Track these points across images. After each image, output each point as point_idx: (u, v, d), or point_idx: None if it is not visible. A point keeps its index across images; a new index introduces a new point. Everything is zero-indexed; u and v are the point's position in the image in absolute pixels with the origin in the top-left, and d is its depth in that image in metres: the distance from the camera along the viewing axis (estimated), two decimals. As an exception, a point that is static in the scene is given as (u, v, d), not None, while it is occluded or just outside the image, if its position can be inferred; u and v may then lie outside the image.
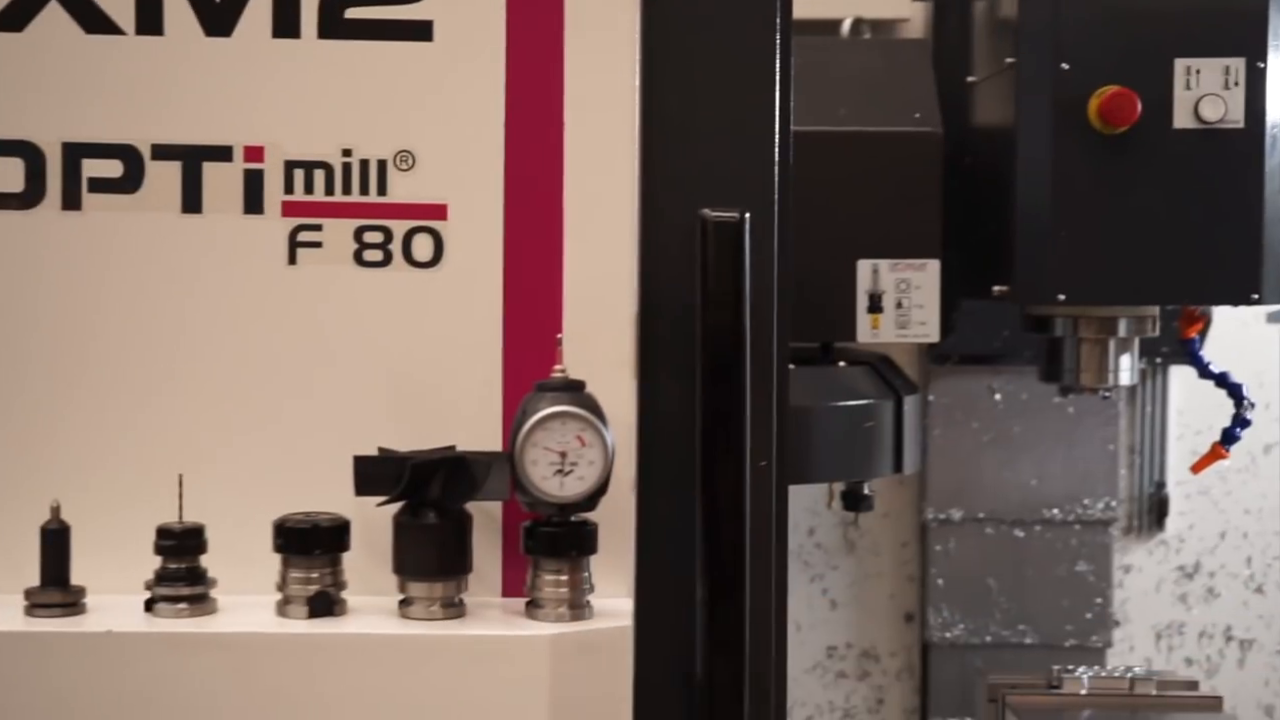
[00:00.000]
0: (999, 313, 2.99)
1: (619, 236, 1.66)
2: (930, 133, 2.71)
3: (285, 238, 1.66)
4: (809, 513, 3.51)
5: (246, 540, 1.61)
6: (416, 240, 1.66)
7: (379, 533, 1.60)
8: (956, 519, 3.46)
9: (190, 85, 1.65)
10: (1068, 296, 2.54)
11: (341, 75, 1.65)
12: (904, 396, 2.78)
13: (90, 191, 1.65)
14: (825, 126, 2.66)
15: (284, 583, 1.59)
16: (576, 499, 1.57)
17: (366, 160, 1.66)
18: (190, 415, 1.65)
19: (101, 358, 1.65)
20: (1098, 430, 3.46)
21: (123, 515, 1.63)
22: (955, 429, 3.48)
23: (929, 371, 3.46)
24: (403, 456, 1.58)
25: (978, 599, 3.46)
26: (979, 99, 2.82)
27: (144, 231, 1.65)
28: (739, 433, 1.64)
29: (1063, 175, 2.50)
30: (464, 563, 1.60)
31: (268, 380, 1.66)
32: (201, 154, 1.65)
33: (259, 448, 1.65)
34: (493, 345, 1.66)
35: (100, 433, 1.65)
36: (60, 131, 1.65)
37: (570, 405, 1.57)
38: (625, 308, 1.67)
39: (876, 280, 2.72)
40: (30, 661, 1.54)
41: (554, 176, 1.66)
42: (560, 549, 1.59)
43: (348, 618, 1.59)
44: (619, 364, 1.66)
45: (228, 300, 1.65)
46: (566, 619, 1.59)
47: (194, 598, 1.58)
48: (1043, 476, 3.46)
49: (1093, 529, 3.46)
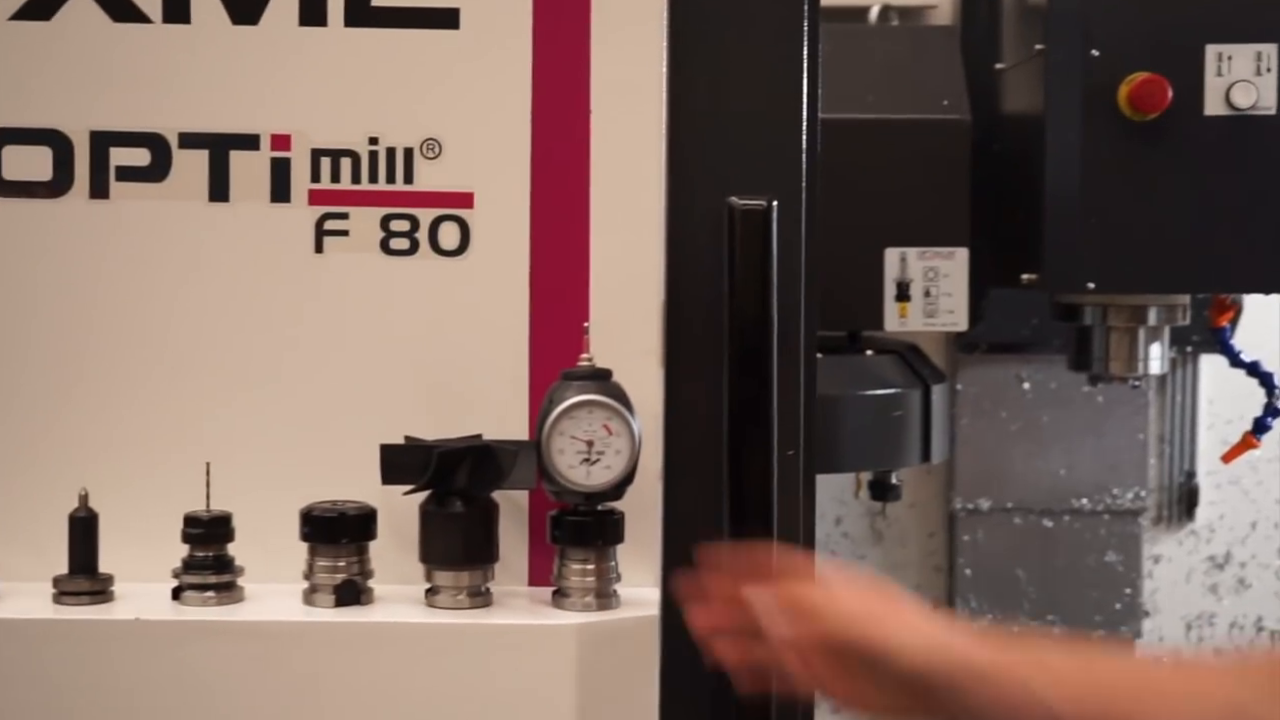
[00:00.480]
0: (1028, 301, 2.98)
1: (646, 224, 1.66)
2: (958, 120, 2.70)
3: (312, 226, 1.66)
4: (836, 502, 3.51)
5: (273, 528, 1.62)
6: (443, 229, 1.66)
7: (406, 521, 1.61)
8: (984, 509, 3.46)
9: (217, 73, 1.65)
10: (1097, 284, 2.53)
11: (368, 63, 1.65)
12: (932, 385, 2.77)
13: (118, 180, 1.66)
14: (853, 114, 2.65)
15: (311, 571, 1.60)
16: (603, 488, 1.57)
17: (393, 148, 1.66)
18: (217, 403, 1.66)
19: (128, 346, 1.66)
20: (1127, 419, 3.45)
21: (150, 503, 1.63)
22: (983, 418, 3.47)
23: (957, 360, 3.45)
24: (429, 445, 1.59)
25: (1006, 589, 3.46)
26: (1008, 86, 2.81)
27: (171, 220, 1.66)
28: (766, 422, 1.64)
29: (1092, 163, 2.49)
30: (490, 551, 1.60)
31: (294, 368, 1.66)
32: (228, 142, 1.66)
33: (286, 436, 1.66)
34: (519, 334, 1.66)
35: (127, 421, 1.66)
36: (88, 120, 1.65)
37: (597, 394, 1.57)
38: (652, 296, 1.67)
39: (904, 268, 2.71)
40: (59, 649, 1.55)
41: (581, 164, 1.66)
42: (587, 538, 1.59)
43: (374, 606, 1.60)
44: (646, 352, 1.66)
45: (254, 288, 1.66)
46: (593, 608, 1.59)
47: (221, 586, 1.59)
48: (1072, 466, 3.45)
49: (1122, 519, 3.45)
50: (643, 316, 1.67)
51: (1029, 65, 2.63)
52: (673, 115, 1.67)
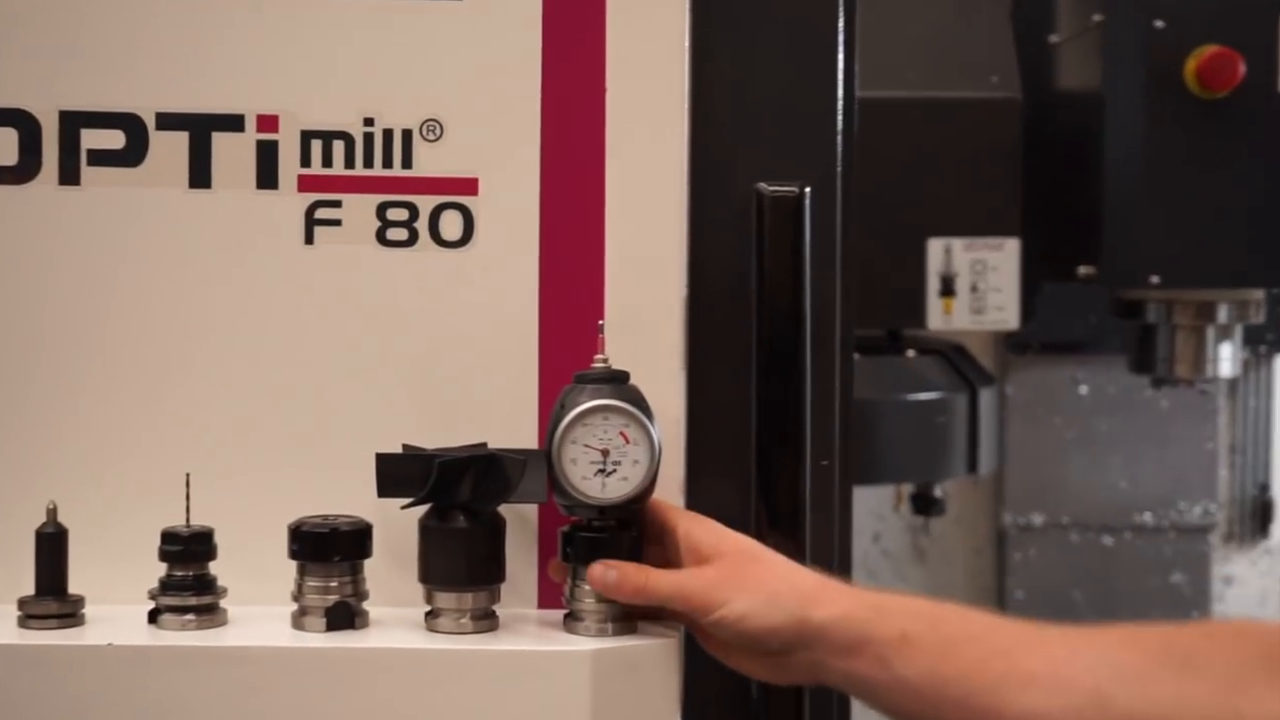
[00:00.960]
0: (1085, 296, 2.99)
1: (667, 213, 1.66)
2: (1009, 98, 2.70)
3: (301, 215, 1.66)
4: (875, 517, 3.51)
5: (259, 546, 1.62)
6: (445, 217, 1.67)
7: (404, 538, 1.61)
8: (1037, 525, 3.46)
9: (198, 49, 1.65)
10: (1161, 278, 2.54)
11: (363, 37, 1.66)
12: (979, 389, 2.78)
13: (89, 165, 1.66)
14: (893, 92, 2.65)
15: (300, 592, 1.60)
16: (619, 501, 1.57)
17: (390, 130, 1.66)
18: (198, 409, 1.66)
19: (102, 346, 1.66)
20: (1194, 427, 3.45)
21: (125, 518, 1.64)
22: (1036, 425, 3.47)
23: (1007, 362, 3.45)
24: (429, 455, 1.59)
25: (1060, 614, 3.45)
26: (1063, 61, 2.81)
27: (148, 208, 1.66)
28: (799, 429, 1.64)
29: (1156, 144, 2.49)
30: (496, 571, 1.60)
31: (282, 370, 1.67)
32: (210, 124, 1.66)
33: (273, 445, 1.66)
34: (528, 332, 1.66)
35: (99, 427, 1.66)
36: (57, 99, 1.66)
37: (613, 398, 1.57)
38: (674, 291, 1.67)
39: (949, 261, 2.71)
40: (24, 677, 1.55)
41: (595, 147, 1.66)
42: (602, 556, 1.59)
43: (369, 630, 1.60)
44: (667, 353, 1.66)
45: (238, 283, 1.66)
46: (609, 633, 1.59)
47: (202, 608, 1.59)
48: (1133, 478, 3.45)
49: (1189, 536, 3.45)
50: (663, 314, 1.66)
51: (1086, 38, 2.63)
52: (696, 93, 1.67)
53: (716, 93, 1.68)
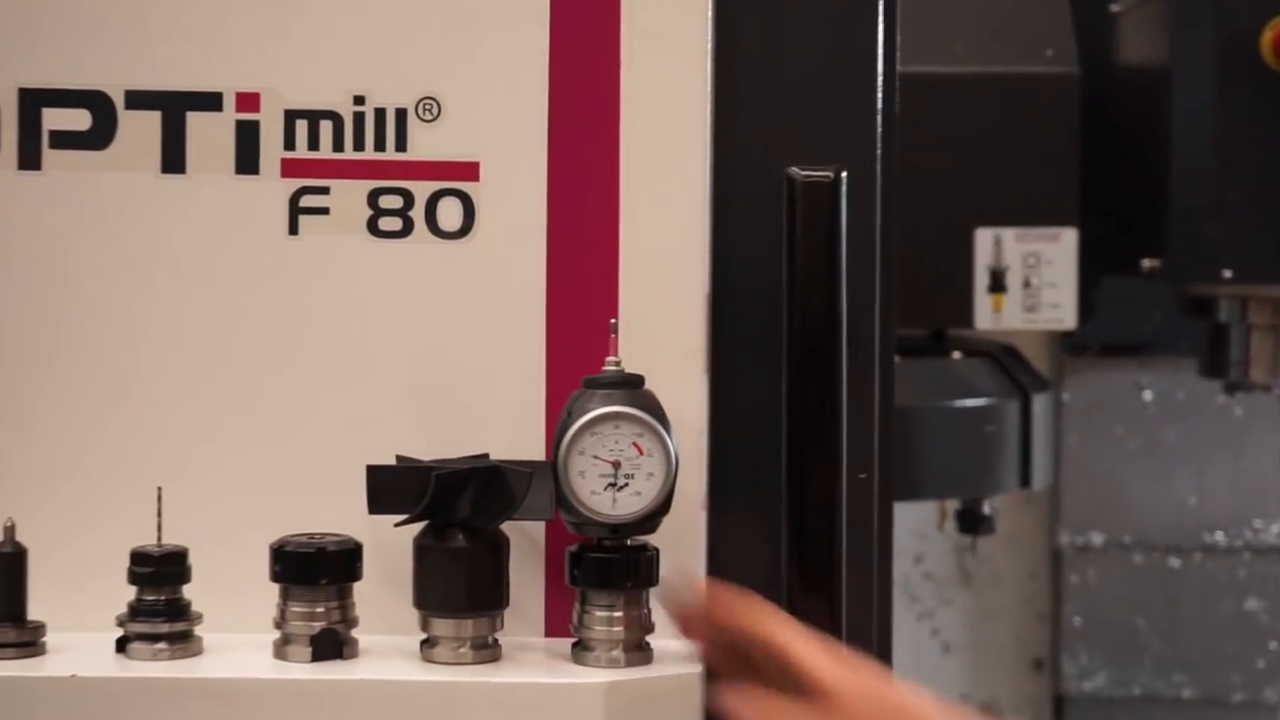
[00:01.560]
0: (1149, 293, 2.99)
1: (687, 201, 1.67)
2: (1065, 73, 2.71)
3: (285, 203, 1.67)
4: (917, 537, 3.51)
5: (238, 567, 1.63)
6: (442, 205, 1.67)
7: (397, 559, 1.61)
8: (1097, 544, 3.46)
9: (172, 20, 1.66)
10: (1235, 273, 2.54)
11: (352, 7, 1.66)
12: (1032, 395, 2.78)
13: (52, 147, 1.67)
14: (937, 67, 2.66)
15: (283, 619, 1.60)
16: (633, 519, 1.58)
17: (383, 109, 1.67)
18: (171, 416, 1.67)
19: (65, 346, 1.67)
20: (1271, 436, 3.45)
21: (90, 536, 1.64)
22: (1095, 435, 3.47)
23: (1063, 365, 3.46)
24: (426, 467, 1.59)
25: (1123, 642, 3.46)
26: (1125, 32, 2.81)
27: (116, 195, 1.67)
28: (834, 439, 1.64)
29: (1229, 125, 2.49)
30: (498, 595, 1.61)
31: (264, 374, 1.67)
32: (185, 102, 1.66)
33: (253, 456, 1.67)
34: (534, 332, 1.67)
35: (62, 437, 1.67)
36: (15, 76, 1.66)
37: (625, 405, 1.58)
38: (695, 287, 1.67)
39: (999, 253, 2.72)
40: (-20, 711, 1.56)
41: (609, 129, 1.66)
42: (614, 579, 1.60)
43: (359, 661, 1.61)
44: (686, 355, 1.66)
45: (216, 278, 1.67)
46: (621, 664, 1.59)
47: (175, 636, 1.59)
48: (1203, 493, 3.45)
49: (1266, 558, 3.45)
50: (683, 312, 1.67)
51: (1151, 7, 2.63)
52: (720, 67, 1.68)
53: (743, 67, 1.69)
